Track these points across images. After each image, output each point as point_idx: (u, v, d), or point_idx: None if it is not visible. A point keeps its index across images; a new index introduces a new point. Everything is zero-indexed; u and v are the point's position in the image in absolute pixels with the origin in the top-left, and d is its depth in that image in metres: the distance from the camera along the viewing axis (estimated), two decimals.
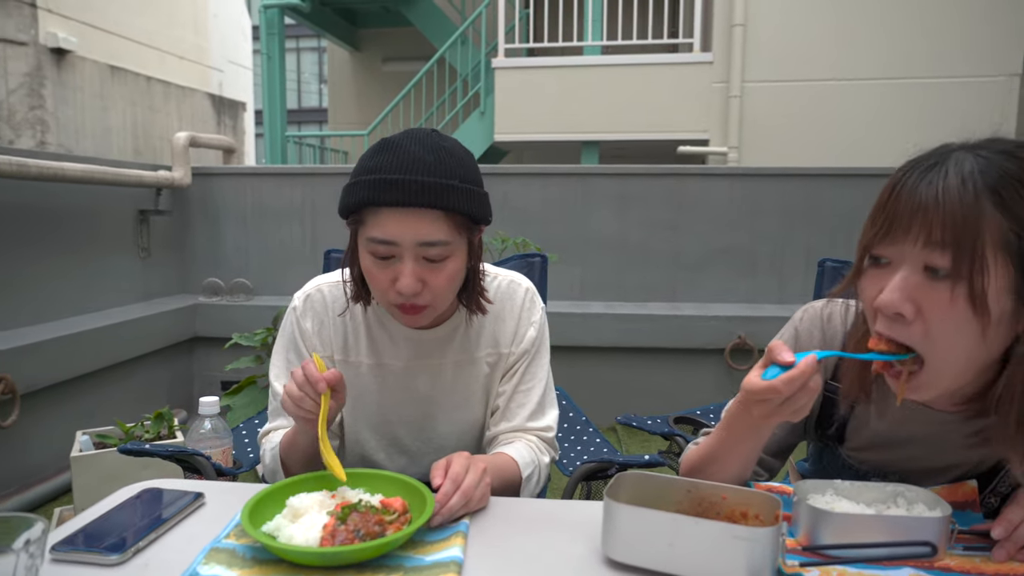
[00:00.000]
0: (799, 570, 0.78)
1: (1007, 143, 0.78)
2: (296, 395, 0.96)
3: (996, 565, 0.80)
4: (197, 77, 9.37)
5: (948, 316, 0.75)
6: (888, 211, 0.78)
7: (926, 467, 0.94)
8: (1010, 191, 0.73)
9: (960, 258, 0.72)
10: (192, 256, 4.16)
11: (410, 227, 0.98)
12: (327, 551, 0.78)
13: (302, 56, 21.87)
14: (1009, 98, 4.97)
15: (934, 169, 0.76)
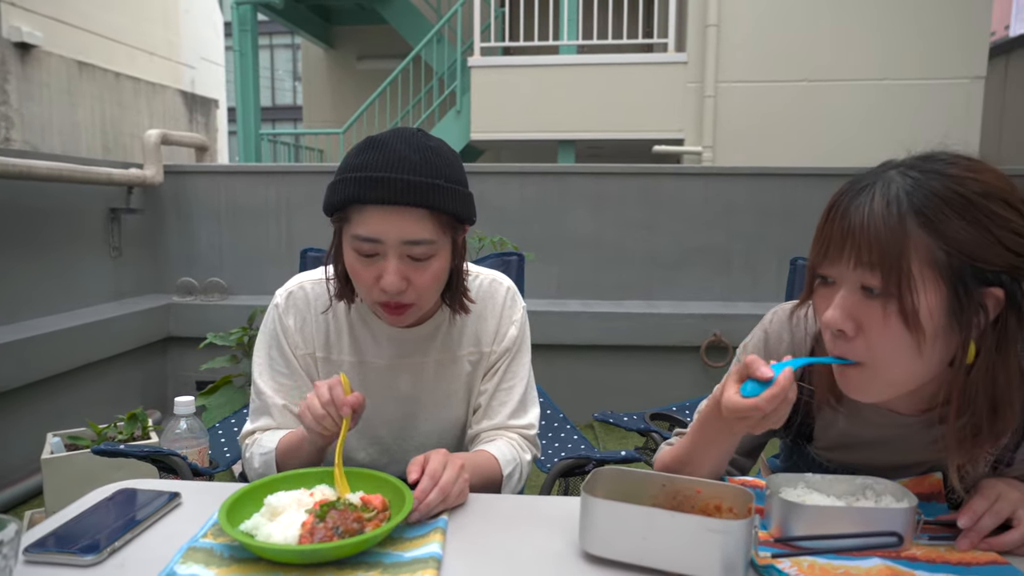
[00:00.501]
0: (771, 561, 0.80)
1: (941, 160, 0.79)
2: (319, 413, 0.96)
3: (959, 554, 0.83)
4: (168, 74, 9.22)
5: (884, 332, 0.78)
6: (825, 234, 0.81)
7: (893, 464, 0.97)
8: (936, 211, 0.75)
9: (889, 278, 0.76)
10: (165, 255, 4.10)
11: (395, 225, 0.98)
12: (306, 549, 0.78)
13: (276, 53, 21.62)
14: (974, 99, 5.09)
15: (864, 192, 0.79)
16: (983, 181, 0.77)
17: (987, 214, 0.76)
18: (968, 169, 0.78)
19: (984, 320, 0.78)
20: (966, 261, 0.75)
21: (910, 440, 0.94)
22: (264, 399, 1.17)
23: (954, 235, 0.75)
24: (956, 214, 0.75)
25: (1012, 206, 0.77)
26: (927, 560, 0.81)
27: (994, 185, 0.77)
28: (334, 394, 0.96)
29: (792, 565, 0.79)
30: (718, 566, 0.76)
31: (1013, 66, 6.42)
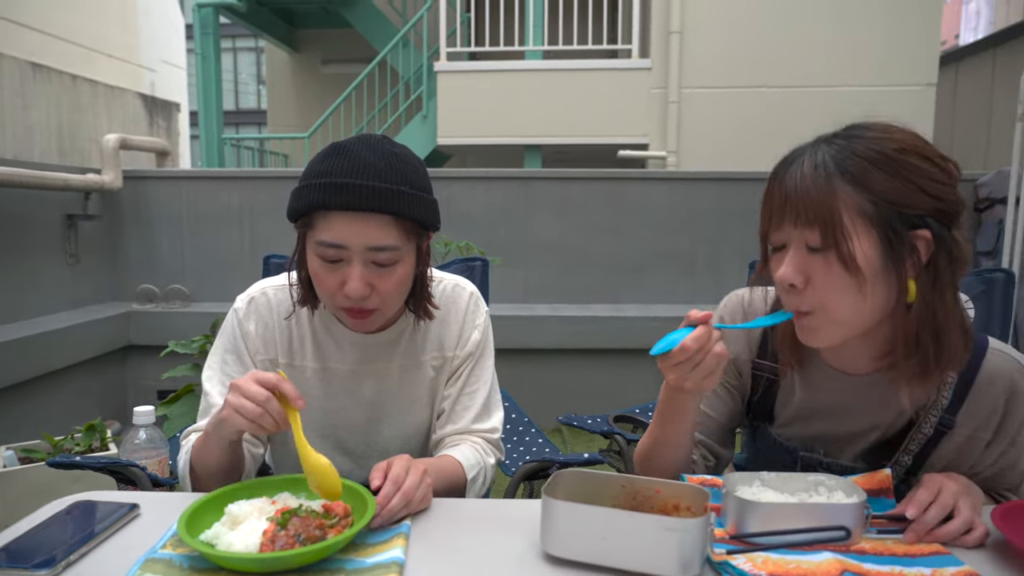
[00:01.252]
0: (726, 557, 0.82)
1: (860, 127, 0.90)
2: (255, 412, 0.90)
3: (905, 546, 0.86)
4: (127, 76, 9.03)
5: (828, 280, 0.88)
6: (769, 204, 0.92)
7: (849, 431, 1.02)
8: (858, 168, 0.86)
9: (825, 232, 0.86)
10: (125, 262, 4.01)
11: (359, 231, 0.98)
12: (267, 557, 0.78)
13: (239, 56, 21.32)
14: (926, 105, 5.27)
15: (795, 163, 0.90)
16: (898, 139, 0.87)
17: (905, 167, 0.86)
18: (884, 131, 0.88)
19: (918, 261, 0.87)
20: (892, 209, 0.85)
21: (861, 403, 1.00)
22: (208, 400, 1.16)
23: (877, 187, 0.85)
24: (877, 168, 0.85)
25: (927, 158, 0.87)
26: (875, 552, 0.84)
27: (909, 142, 0.87)
28: (284, 389, 0.92)
29: (747, 561, 0.81)
30: (675, 563, 0.78)
31: (963, 74, 6.64)
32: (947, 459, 0.99)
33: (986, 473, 0.99)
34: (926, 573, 0.79)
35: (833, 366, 1.01)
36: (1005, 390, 0.95)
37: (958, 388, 0.96)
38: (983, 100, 6.23)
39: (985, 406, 0.96)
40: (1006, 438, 0.97)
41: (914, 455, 0.99)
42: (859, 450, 1.03)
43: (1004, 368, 0.95)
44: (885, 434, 1.01)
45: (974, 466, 0.99)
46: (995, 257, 3.59)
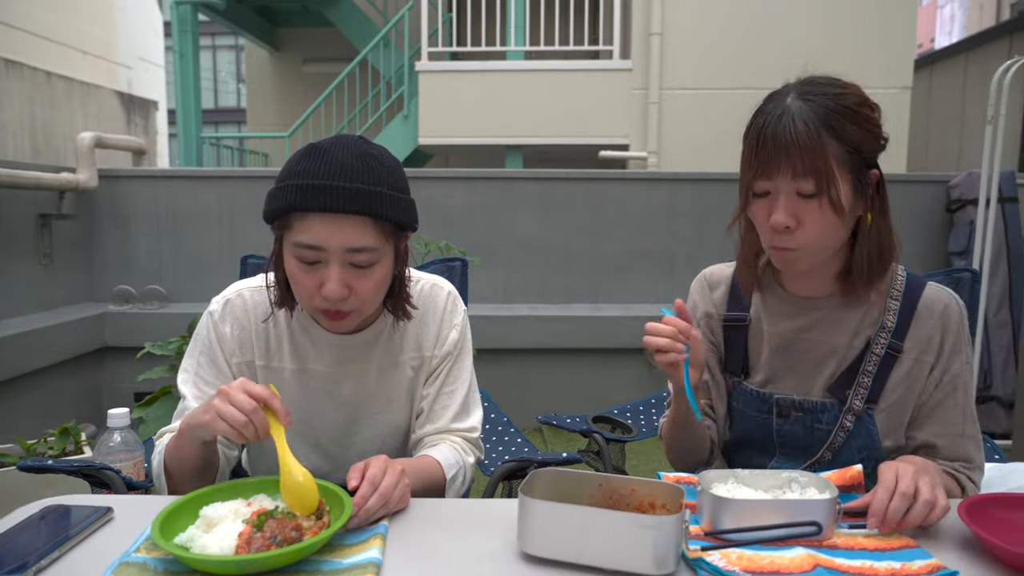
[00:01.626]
0: (701, 554, 0.83)
1: (821, 83, 1.03)
2: (240, 421, 0.89)
3: (876, 541, 0.88)
4: (103, 74, 8.91)
5: (820, 221, 1.01)
6: (760, 156, 1.01)
7: (814, 361, 1.13)
8: (837, 122, 0.99)
9: (820, 181, 0.98)
10: (100, 263, 3.96)
11: (337, 233, 0.98)
12: (243, 559, 0.78)
13: (219, 54, 21.10)
14: (901, 108, 5.35)
15: (784, 117, 0.99)
16: (854, 94, 1.02)
17: (864, 118, 1.01)
18: (842, 87, 1.03)
19: (872, 192, 1.05)
20: (858, 155, 1.01)
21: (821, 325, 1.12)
22: (184, 404, 1.15)
23: (850, 137, 0.99)
24: (848, 121, 0.99)
25: (871, 107, 1.03)
26: (846, 547, 0.86)
27: (860, 95, 1.03)
28: (274, 404, 0.93)
29: (721, 558, 0.82)
30: (650, 560, 0.79)
31: (937, 77, 6.76)
32: (900, 389, 1.10)
33: (932, 403, 1.10)
34: (896, 567, 0.81)
35: (794, 292, 1.15)
36: (941, 314, 1.09)
37: (902, 313, 1.10)
38: (956, 103, 6.35)
39: (926, 329, 1.09)
40: (942, 361, 1.09)
41: (872, 378, 1.09)
42: (825, 381, 1.12)
43: (940, 296, 1.11)
44: (844, 360, 1.12)
45: (922, 394, 1.10)
46: (967, 257, 3.66)
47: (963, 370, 1.09)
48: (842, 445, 1.11)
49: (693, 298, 1.26)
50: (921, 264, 3.97)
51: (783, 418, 1.14)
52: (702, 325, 1.23)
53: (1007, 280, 3.67)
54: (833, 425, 1.11)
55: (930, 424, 1.10)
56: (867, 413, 1.10)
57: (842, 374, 1.11)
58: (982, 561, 0.85)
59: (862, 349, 1.10)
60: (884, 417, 1.10)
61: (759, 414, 1.16)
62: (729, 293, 1.22)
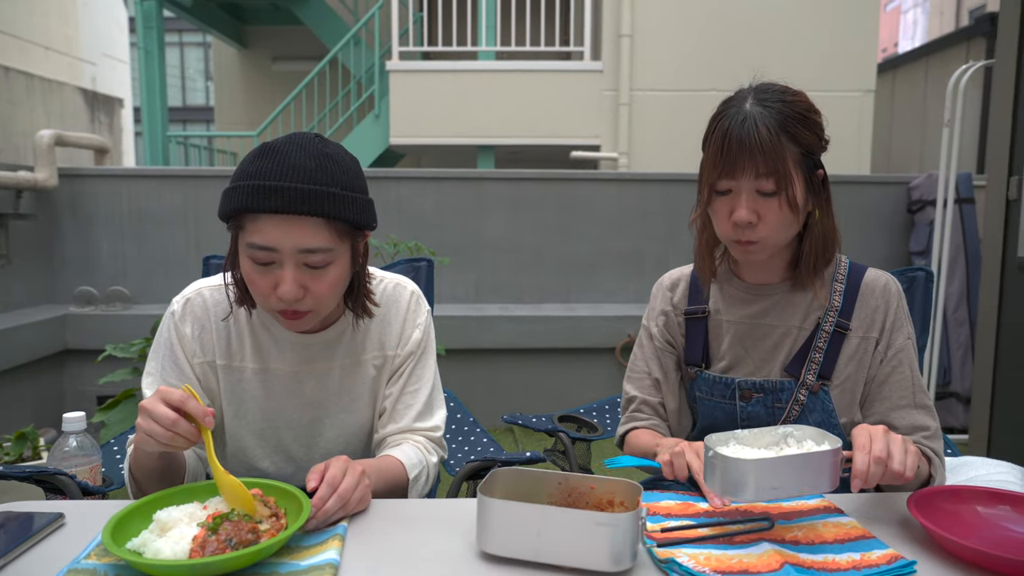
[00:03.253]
0: (672, 555, 0.83)
1: (775, 90, 1.10)
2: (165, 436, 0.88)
3: (835, 532, 0.90)
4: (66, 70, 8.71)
5: (778, 217, 1.09)
6: (725, 157, 1.08)
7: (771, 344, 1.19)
8: (793, 127, 1.07)
9: (779, 180, 1.06)
10: (61, 263, 3.87)
11: (290, 234, 0.98)
12: (195, 563, 0.77)
13: (186, 51, 20.74)
14: (865, 110, 5.47)
15: (746, 122, 1.06)
16: (803, 101, 1.10)
17: (812, 123, 1.10)
18: (794, 95, 1.11)
19: (819, 189, 1.13)
20: (809, 156, 1.10)
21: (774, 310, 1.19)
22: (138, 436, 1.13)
23: (803, 140, 1.08)
24: (801, 125, 1.08)
25: (817, 114, 1.12)
26: (807, 542, 0.88)
27: (808, 102, 1.11)
28: (190, 408, 0.89)
29: (690, 559, 0.82)
30: (607, 557, 0.80)
31: (899, 81, 6.91)
32: (851, 367, 1.17)
33: (880, 378, 1.17)
34: (856, 558, 0.83)
35: (749, 281, 1.23)
36: (881, 292, 1.18)
37: (847, 294, 1.18)
38: (918, 106, 6.50)
39: (869, 307, 1.18)
40: (886, 337, 1.17)
41: (823, 354, 1.16)
42: (782, 362, 1.19)
43: (880, 276, 1.20)
44: (797, 341, 1.19)
45: (870, 369, 1.17)
46: (927, 256, 3.75)
47: (906, 344, 1.17)
48: (798, 419, 1.17)
49: (653, 301, 1.34)
50: (883, 263, 4.05)
51: (745, 401, 1.20)
52: (659, 323, 1.30)
53: (965, 279, 3.77)
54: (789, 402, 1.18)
55: (880, 400, 1.17)
56: (823, 389, 1.16)
57: (797, 354, 1.18)
58: (932, 553, 0.87)
59: (813, 329, 1.18)
60: (839, 393, 1.17)
61: (723, 400, 1.22)
62: (689, 289, 1.29)
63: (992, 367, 2.37)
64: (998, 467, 1.36)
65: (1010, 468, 1.35)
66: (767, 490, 0.88)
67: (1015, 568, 0.78)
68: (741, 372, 1.21)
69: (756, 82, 1.14)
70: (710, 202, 1.14)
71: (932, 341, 3.19)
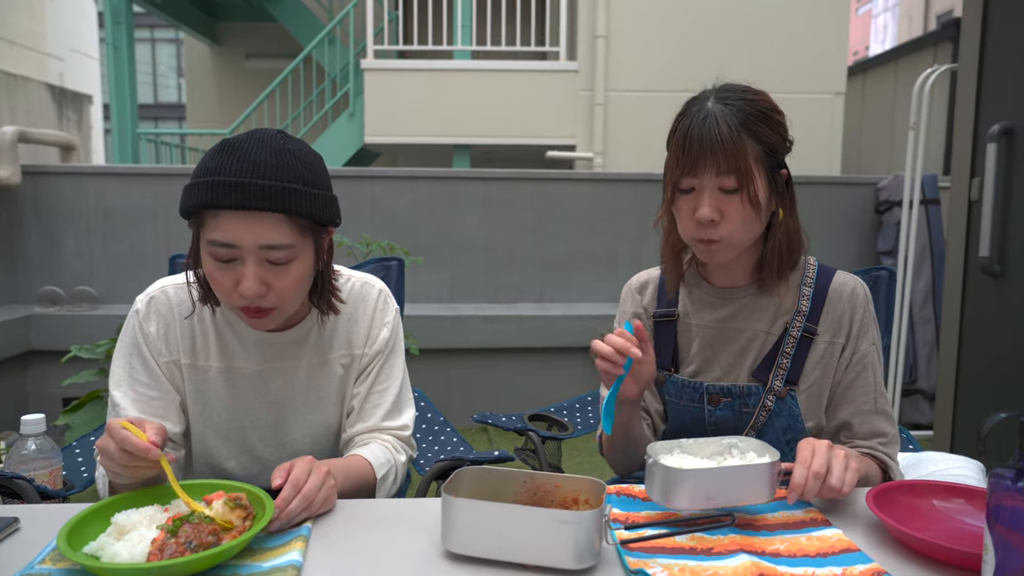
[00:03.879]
0: (643, 565, 0.82)
1: (738, 89, 1.11)
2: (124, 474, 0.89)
3: (818, 545, 0.88)
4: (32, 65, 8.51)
5: (740, 214, 1.08)
6: (687, 155, 1.08)
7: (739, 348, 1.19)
8: (754, 124, 1.07)
9: (740, 178, 1.06)
10: (25, 262, 3.78)
11: (250, 230, 0.97)
12: (153, 566, 0.75)
13: (158, 48, 20.40)
14: (836, 112, 5.56)
15: (708, 120, 1.07)
16: (765, 100, 1.11)
17: (774, 122, 1.10)
18: (756, 94, 1.11)
19: (783, 189, 1.13)
20: (772, 155, 1.10)
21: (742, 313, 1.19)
22: (119, 412, 1.12)
23: (765, 138, 1.08)
24: (763, 124, 1.08)
25: (779, 112, 1.12)
26: (788, 555, 0.86)
27: (770, 102, 1.11)
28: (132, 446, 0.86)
29: (663, 570, 0.81)
30: (570, 554, 0.80)
31: (869, 84, 7.03)
32: (817, 371, 1.17)
33: (845, 383, 1.17)
34: (837, 572, 0.82)
35: (716, 285, 1.22)
36: (848, 297, 1.17)
37: (815, 299, 1.18)
38: (887, 109, 6.61)
39: (836, 312, 1.17)
40: (852, 342, 1.17)
41: (791, 359, 1.16)
42: (749, 366, 1.19)
43: (847, 280, 1.19)
44: (765, 345, 1.18)
45: (836, 374, 1.17)
46: (894, 256, 3.82)
47: (870, 351, 1.17)
48: (765, 424, 1.17)
49: (624, 305, 1.32)
50: (852, 262, 4.13)
51: (713, 405, 1.19)
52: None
53: (931, 278, 3.85)
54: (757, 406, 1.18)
55: (844, 404, 1.17)
56: (790, 394, 1.16)
57: (764, 358, 1.18)
58: (889, 546, 0.89)
59: (780, 334, 1.17)
60: (805, 398, 1.17)
61: (691, 403, 1.21)
62: (658, 291, 1.28)
63: (955, 365, 2.42)
64: (956, 461, 1.39)
65: (967, 463, 1.38)
66: (702, 499, 0.91)
67: (968, 560, 0.80)
68: (709, 376, 1.21)
69: (719, 83, 1.14)
70: (674, 201, 1.13)
71: (898, 339, 3.25)
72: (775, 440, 1.17)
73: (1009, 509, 0.68)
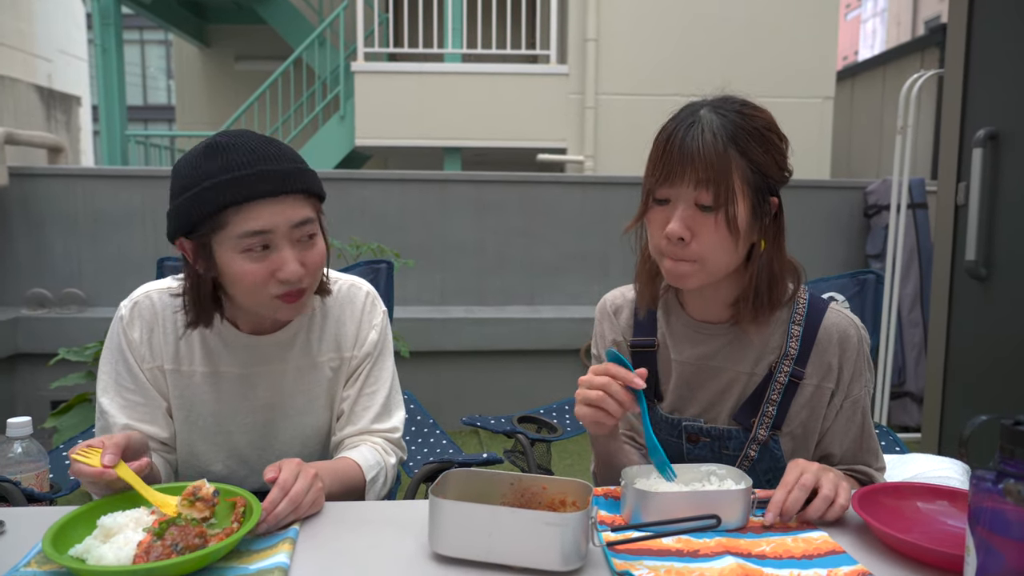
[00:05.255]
0: (629, 567, 0.82)
1: (735, 102, 1.02)
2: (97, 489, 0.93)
3: (803, 547, 0.88)
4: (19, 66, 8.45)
5: (714, 237, 0.99)
6: (664, 161, 0.99)
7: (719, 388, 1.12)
8: (744, 140, 0.98)
9: (719, 194, 0.96)
10: (12, 265, 3.76)
11: (282, 212, 1.01)
12: (138, 569, 0.75)
13: (147, 49, 20.30)
14: (825, 116, 5.60)
15: (694, 127, 0.98)
16: (763, 118, 1.01)
17: (770, 141, 1.00)
18: (753, 109, 1.02)
19: (769, 221, 1.02)
20: (762, 177, 0.99)
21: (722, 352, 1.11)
22: (107, 419, 1.12)
23: (756, 157, 0.98)
24: (755, 142, 0.98)
25: (779, 136, 1.02)
26: (774, 556, 0.86)
27: (769, 121, 1.02)
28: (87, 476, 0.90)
29: (650, 572, 0.81)
30: (557, 556, 0.80)
31: (858, 88, 7.09)
32: (803, 413, 1.09)
33: (836, 428, 1.10)
34: (822, 574, 0.82)
35: (695, 317, 1.13)
36: (839, 343, 1.08)
37: (804, 341, 1.08)
38: (875, 113, 6.67)
39: (826, 356, 1.08)
40: (843, 388, 1.09)
41: (777, 406, 1.08)
42: (730, 409, 1.11)
43: (840, 322, 1.09)
44: (747, 388, 1.10)
45: (825, 419, 1.10)
46: (882, 259, 3.85)
47: (862, 394, 1.10)
48: (748, 470, 1.10)
49: (601, 327, 1.23)
50: (841, 265, 4.15)
51: (692, 443, 1.13)
52: None
53: (919, 282, 3.88)
54: (739, 452, 1.11)
55: (829, 440, 1.12)
56: (772, 439, 1.10)
57: (746, 402, 1.10)
58: (873, 547, 0.90)
59: (764, 375, 1.10)
60: (788, 440, 1.10)
61: (670, 437, 1.15)
62: (633, 317, 1.19)
63: (943, 367, 2.44)
64: (941, 463, 1.40)
65: (952, 464, 1.40)
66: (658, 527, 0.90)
67: (950, 562, 0.81)
68: (687, 412, 1.14)
69: (720, 92, 1.05)
70: (648, 211, 1.04)
71: (886, 342, 3.28)
72: (756, 482, 1.07)
73: (989, 511, 0.68)
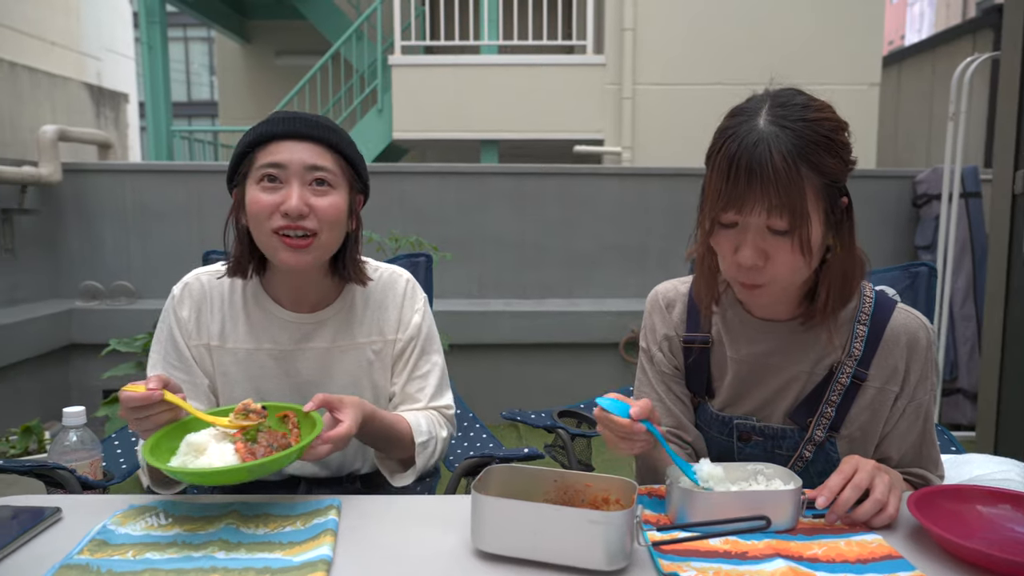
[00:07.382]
0: (676, 568, 0.80)
1: (797, 105, 0.93)
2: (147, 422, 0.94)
3: (858, 551, 0.85)
4: (71, 65, 8.72)
5: (788, 260, 0.95)
6: (732, 187, 0.92)
7: (776, 388, 1.08)
8: (815, 154, 0.91)
9: (793, 219, 0.91)
10: (66, 258, 3.88)
11: (298, 153, 1.09)
12: (253, 465, 0.87)
13: (191, 46, 20.73)
14: (871, 103, 5.42)
15: (759, 147, 0.90)
16: (830, 119, 0.94)
17: (838, 145, 0.94)
18: (818, 110, 0.94)
19: (841, 221, 0.98)
20: (833, 185, 0.94)
21: (783, 349, 1.07)
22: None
23: (828, 168, 0.92)
24: (825, 151, 0.92)
25: (844, 131, 0.96)
26: (827, 560, 0.83)
27: (835, 120, 0.95)
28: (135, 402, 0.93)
29: (698, 574, 0.79)
30: (602, 555, 0.79)
31: (905, 74, 6.86)
32: (864, 416, 1.05)
33: (896, 432, 1.06)
34: None
35: (756, 315, 1.09)
36: (907, 344, 1.04)
37: (869, 341, 1.04)
38: (924, 100, 6.45)
39: (892, 358, 1.04)
40: (908, 391, 1.05)
41: (836, 407, 1.05)
42: (786, 407, 1.08)
43: (909, 323, 1.05)
44: (806, 387, 1.07)
45: (887, 423, 1.06)
46: (932, 251, 3.73)
47: (927, 398, 1.06)
48: (801, 471, 1.07)
49: (652, 320, 1.18)
50: (889, 257, 4.03)
51: (743, 442, 1.10)
52: (663, 348, 1.17)
53: (971, 274, 3.75)
54: (793, 452, 1.08)
55: (888, 445, 1.08)
56: (829, 441, 1.06)
57: (803, 401, 1.06)
58: (932, 553, 0.86)
59: (824, 375, 1.06)
60: (845, 443, 1.06)
61: (720, 436, 1.13)
62: (687, 312, 1.15)
63: (999, 363, 2.35)
64: (1001, 464, 1.34)
65: (1012, 465, 1.34)
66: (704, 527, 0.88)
67: (1016, 569, 0.77)
68: (740, 411, 1.10)
69: (773, 87, 0.97)
70: (712, 233, 0.98)
71: (938, 337, 3.17)
72: (808, 484, 1.02)
73: None
